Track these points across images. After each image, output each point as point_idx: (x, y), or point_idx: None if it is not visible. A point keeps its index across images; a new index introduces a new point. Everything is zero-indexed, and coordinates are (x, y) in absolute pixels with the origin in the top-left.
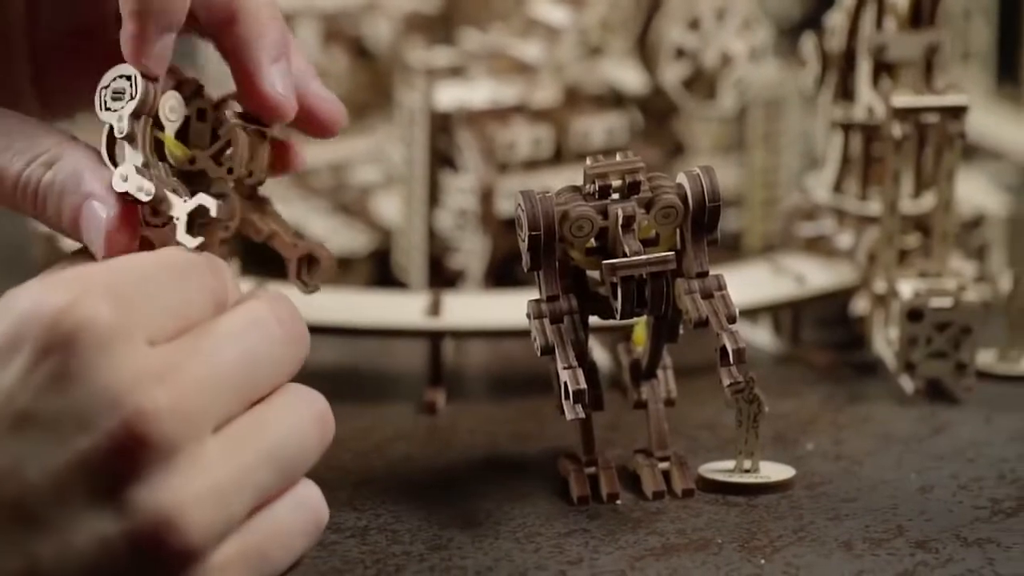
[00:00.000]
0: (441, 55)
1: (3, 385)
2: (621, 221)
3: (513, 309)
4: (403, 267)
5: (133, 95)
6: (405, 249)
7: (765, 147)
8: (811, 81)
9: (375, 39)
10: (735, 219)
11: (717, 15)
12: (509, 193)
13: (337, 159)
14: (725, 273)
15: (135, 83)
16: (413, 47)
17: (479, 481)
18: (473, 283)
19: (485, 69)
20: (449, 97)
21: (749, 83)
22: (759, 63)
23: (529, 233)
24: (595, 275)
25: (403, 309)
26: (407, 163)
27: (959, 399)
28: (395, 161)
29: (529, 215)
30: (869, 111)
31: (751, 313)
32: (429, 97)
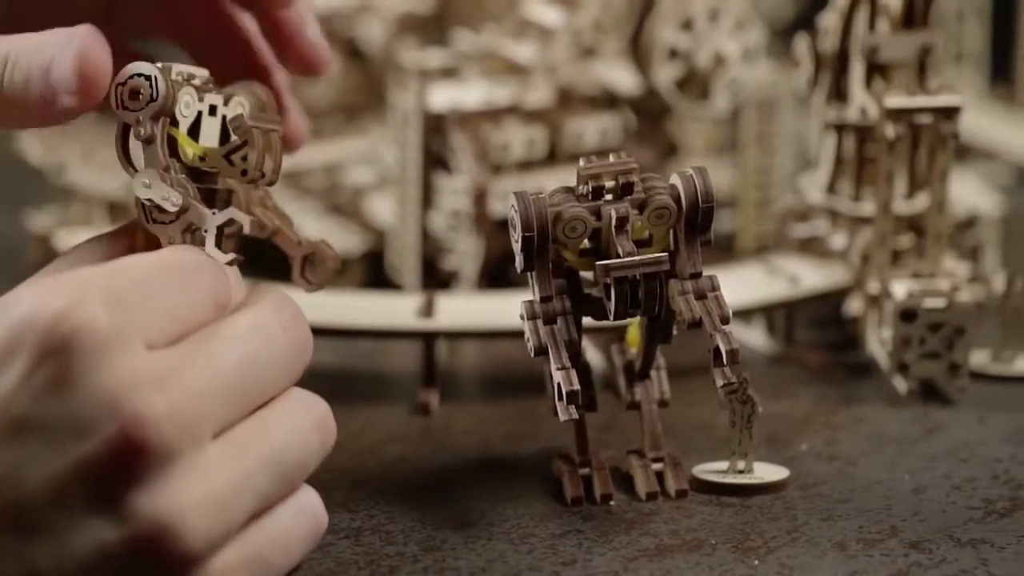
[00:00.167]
0: (434, 56)
1: (0, 391)
2: (614, 222)
3: (506, 310)
4: (396, 268)
5: (154, 96)
6: (398, 250)
7: (758, 148)
8: (804, 82)
9: (368, 40)
10: (728, 220)
11: (710, 16)
12: (503, 194)
13: (330, 160)
14: (719, 274)
15: (155, 84)
16: (406, 48)
17: (473, 482)
18: (466, 284)
19: (478, 70)
20: (442, 98)
21: (742, 84)
22: (752, 64)
23: (522, 234)
24: (589, 276)
25: (396, 310)
26: (400, 164)
27: (953, 400)
28: (388, 162)
29: (522, 216)
30: (862, 112)
31: (745, 314)
32: (422, 98)
